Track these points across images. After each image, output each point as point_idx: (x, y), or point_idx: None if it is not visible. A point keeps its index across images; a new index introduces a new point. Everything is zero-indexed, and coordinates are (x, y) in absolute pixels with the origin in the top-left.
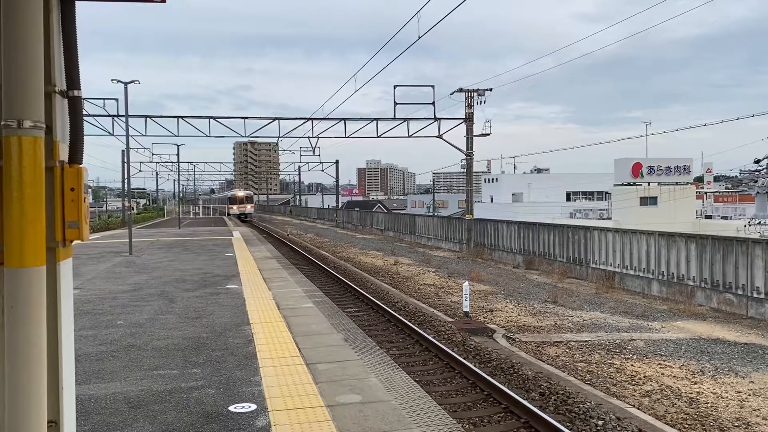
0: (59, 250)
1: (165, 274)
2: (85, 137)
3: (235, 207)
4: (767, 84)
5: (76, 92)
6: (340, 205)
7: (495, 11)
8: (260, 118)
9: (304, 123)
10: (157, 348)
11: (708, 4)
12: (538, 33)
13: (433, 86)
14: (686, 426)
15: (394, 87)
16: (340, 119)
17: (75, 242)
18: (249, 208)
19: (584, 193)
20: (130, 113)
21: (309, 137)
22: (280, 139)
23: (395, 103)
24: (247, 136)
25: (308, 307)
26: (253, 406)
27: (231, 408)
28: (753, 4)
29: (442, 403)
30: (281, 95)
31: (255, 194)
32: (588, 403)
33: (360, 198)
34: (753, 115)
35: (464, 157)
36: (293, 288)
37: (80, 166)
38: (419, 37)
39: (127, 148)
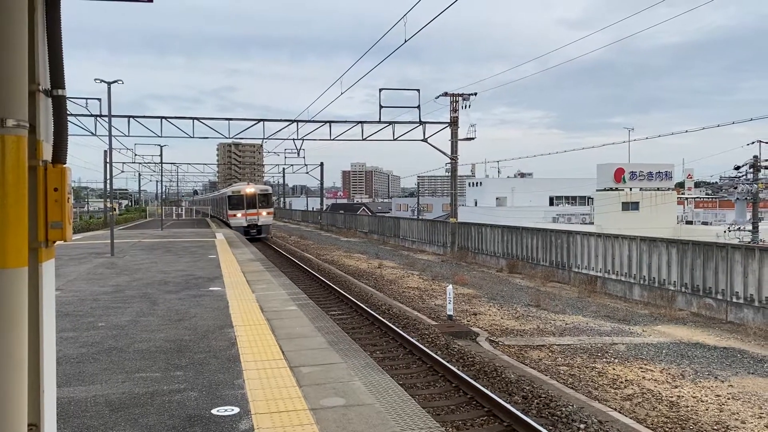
0: (41, 251)
1: (147, 276)
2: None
3: (239, 214)
4: (747, 91)
5: (60, 91)
6: (324, 208)
7: (480, 16)
8: (245, 119)
9: (289, 125)
10: (138, 350)
11: (688, 13)
12: (522, 38)
13: (418, 90)
14: (667, 429)
15: (380, 90)
16: (326, 122)
17: (57, 243)
18: (265, 215)
19: (567, 197)
20: (113, 113)
21: (294, 139)
22: (264, 140)
23: (380, 106)
24: (232, 138)
25: (292, 310)
26: (236, 409)
27: (214, 411)
28: (731, 11)
29: (425, 406)
30: (266, 97)
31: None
32: (570, 407)
33: (344, 200)
34: (734, 122)
35: (449, 160)
36: (277, 290)
37: (64, 165)
38: (405, 41)
39: (110, 148)
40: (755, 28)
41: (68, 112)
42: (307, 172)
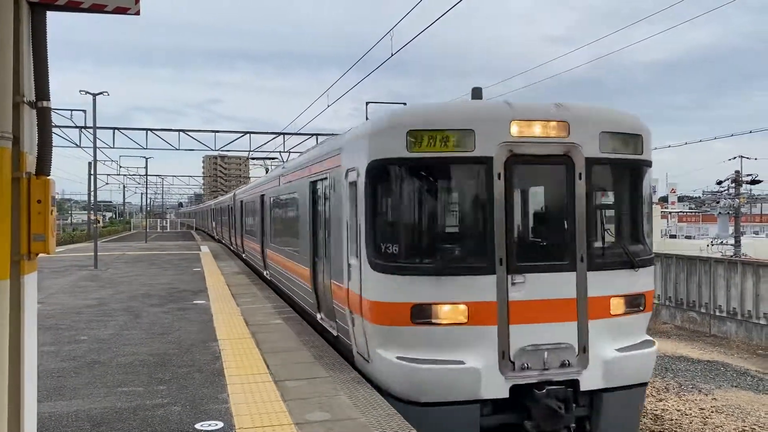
0: (24, 264)
1: (131, 289)
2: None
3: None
4: (729, 108)
5: (45, 103)
6: None
7: (467, 30)
8: (231, 131)
9: (275, 137)
10: (121, 364)
11: (671, 30)
12: (508, 53)
13: (405, 103)
14: None
15: (367, 103)
16: (312, 134)
17: (39, 255)
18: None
19: None
20: (98, 125)
21: (280, 152)
22: (250, 153)
23: (367, 120)
24: (217, 150)
25: (277, 324)
26: (220, 424)
27: (197, 426)
28: (713, 29)
29: None
30: (252, 109)
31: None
32: None
33: None
34: (716, 138)
35: None
36: (262, 304)
37: (48, 177)
38: (392, 54)
39: (95, 160)
40: (734, 47)
41: (53, 124)
42: None
